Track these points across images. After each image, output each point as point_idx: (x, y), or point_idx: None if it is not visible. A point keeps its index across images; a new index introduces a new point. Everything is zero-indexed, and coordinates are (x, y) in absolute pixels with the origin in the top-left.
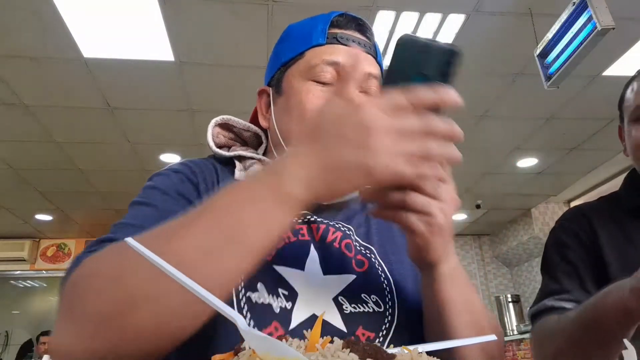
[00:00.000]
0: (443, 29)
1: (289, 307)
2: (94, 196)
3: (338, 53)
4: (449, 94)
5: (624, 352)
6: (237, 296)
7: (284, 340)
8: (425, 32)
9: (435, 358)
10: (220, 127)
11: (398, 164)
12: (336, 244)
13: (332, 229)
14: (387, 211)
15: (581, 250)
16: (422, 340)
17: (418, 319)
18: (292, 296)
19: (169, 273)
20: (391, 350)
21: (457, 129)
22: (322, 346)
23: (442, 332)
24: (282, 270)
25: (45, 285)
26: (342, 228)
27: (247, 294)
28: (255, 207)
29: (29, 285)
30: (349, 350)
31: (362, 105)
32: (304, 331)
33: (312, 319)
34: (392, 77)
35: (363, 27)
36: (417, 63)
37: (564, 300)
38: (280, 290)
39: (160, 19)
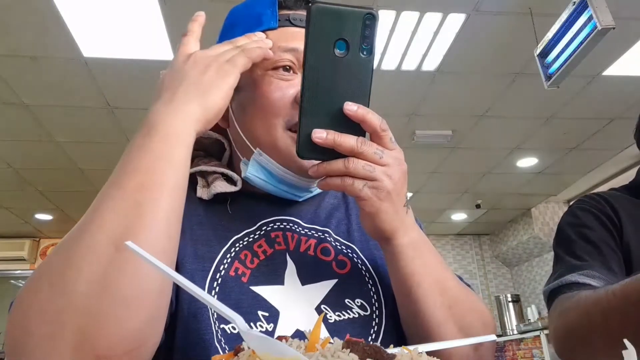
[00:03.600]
0: (443, 28)
1: (270, 329)
2: (94, 196)
3: (293, 38)
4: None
5: (624, 352)
6: (214, 328)
7: (283, 340)
8: (425, 32)
9: (435, 358)
10: None
11: (222, 53)
12: (311, 252)
13: (304, 238)
14: (333, 180)
15: (602, 231)
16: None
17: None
18: (273, 316)
19: (166, 274)
20: (391, 350)
21: (257, 37)
22: (322, 346)
23: (414, 315)
24: (260, 290)
25: None
26: (316, 234)
27: (221, 326)
28: (148, 156)
29: None
30: (349, 350)
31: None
32: (304, 331)
33: (297, 335)
34: (314, 46)
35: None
36: (336, 29)
37: (589, 277)
38: (260, 313)
39: (160, 18)
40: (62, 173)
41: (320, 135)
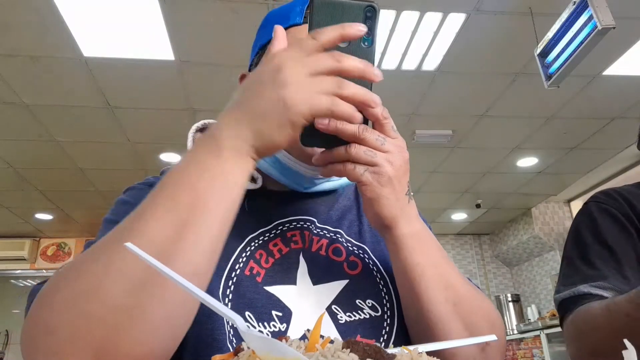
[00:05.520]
0: (443, 28)
1: (283, 329)
2: (94, 195)
3: None
4: (352, 27)
5: (623, 352)
6: (226, 328)
7: (283, 340)
8: (425, 31)
9: (435, 358)
10: (202, 132)
11: (313, 95)
12: (322, 252)
13: (316, 238)
14: (335, 166)
15: (619, 232)
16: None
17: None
18: (286, 316)
19: (169, 277)
20: (391, 350)
21: (370, 67)
22: (322, 346)
23: (418, 311)
24: (274, 290)
25: None
26: (328, 234)
27: (234, 326)
28: (206, 175)
29: (29, 285)
30: (349, 350)
31: (275, 53)
32: (305, 331)
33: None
34: None
35: None
36: (337, 21)
37: (601, 288)
38: (274, 313)
39: (160, 18)
40: (62, 173)
41: (323, 122)
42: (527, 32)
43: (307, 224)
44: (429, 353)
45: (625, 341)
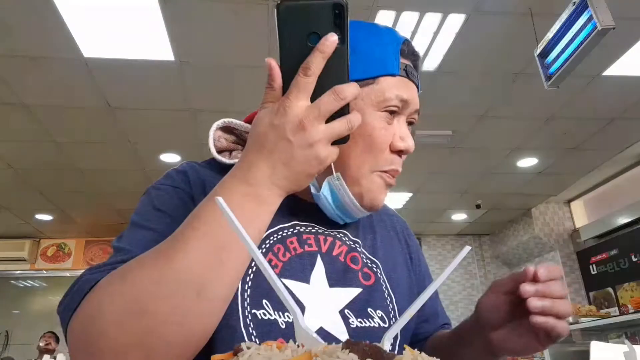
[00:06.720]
0: (443, 28)
1: None
2: (94, 196)
3: (407, 89)
4: (325, 42)
5: (624, 352)
6: (243, 313)
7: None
8: (425, 32)
9: (435, 358)
10: (222, 131)
11: (333, 147)
12: (341, 258)
13: (338, 242)
14: (549, 319)
15: None
16: None
17: (415, 342)
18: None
19: (245, 242)
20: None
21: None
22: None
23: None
24: (288, 283)
25: (45, 285)
26: (348, 242)
27: (252, 311)
28: (244, 219)
29: (29, 285)
30: (348, 350)
31: (287, 106)
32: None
33: (319, 332)
34: (287, 44)
35: (417, 60)
36: (306, 25)
37: None
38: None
39: (160, 19)
40: (62, 173)
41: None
42: (527, 33)
43: (322, 229)
44: (429, 354)
45: (626, 341)
